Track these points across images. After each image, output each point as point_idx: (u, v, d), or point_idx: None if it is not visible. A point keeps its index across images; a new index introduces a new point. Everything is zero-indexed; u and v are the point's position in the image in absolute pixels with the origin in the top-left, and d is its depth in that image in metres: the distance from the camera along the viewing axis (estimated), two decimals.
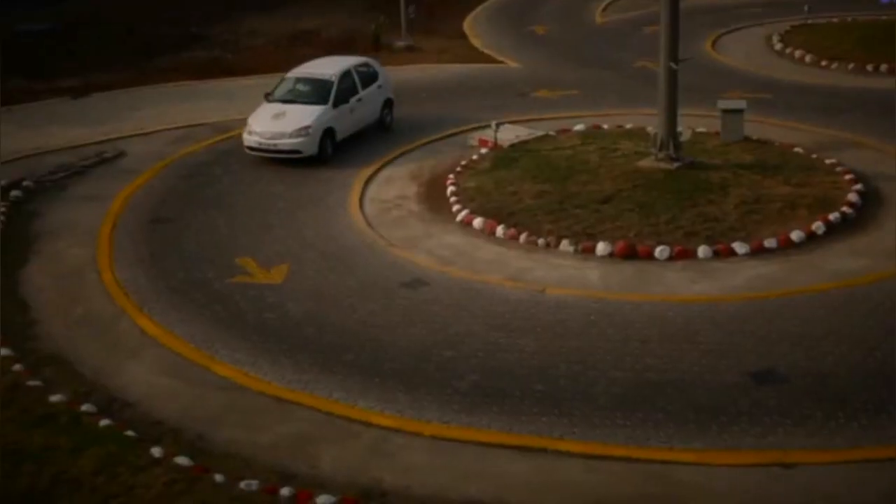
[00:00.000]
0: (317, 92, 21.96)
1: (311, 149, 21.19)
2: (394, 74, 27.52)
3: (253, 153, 21.42)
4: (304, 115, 21.31)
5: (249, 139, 21.41)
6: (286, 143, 21.12)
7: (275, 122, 21.27)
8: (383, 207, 19.34)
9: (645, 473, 11.50)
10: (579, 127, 22.61)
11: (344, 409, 12.90)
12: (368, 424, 12.60)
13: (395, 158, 21.82)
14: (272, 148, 21.20)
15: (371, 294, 15.87)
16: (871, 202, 18.31)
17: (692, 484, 11.30)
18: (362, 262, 17.04)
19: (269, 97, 22.07)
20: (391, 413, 12.79)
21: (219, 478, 11.48)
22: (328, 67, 22.71)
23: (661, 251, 16.59)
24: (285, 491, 11.28)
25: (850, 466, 11.46)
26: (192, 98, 26.71)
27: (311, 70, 22.77)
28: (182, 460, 11.78)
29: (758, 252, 16.61)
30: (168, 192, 20.40)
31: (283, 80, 22.63)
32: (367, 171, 21.00)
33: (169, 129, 24.05)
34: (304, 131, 21.15)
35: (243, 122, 22.03)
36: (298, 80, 22.50)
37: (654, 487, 11.27)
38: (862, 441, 11.83)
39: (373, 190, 20.26)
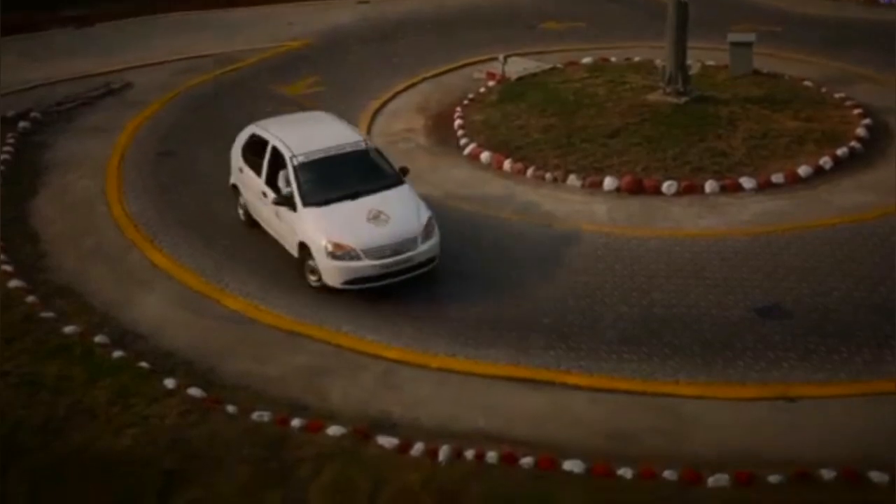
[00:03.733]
0: (367, 169, 14.94)
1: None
2: (397, 6, 27.26)
3: (350, 287, 13.90)
4: (406, 205, 14.42)
5: (356, 268, 13.68)
6: (422, 251, 14.06)
7: (381, 227, 13.93)
8: (391, 140, 19.28)
9: (650, 407, 11.70)
10: (587, 60, 22.44)
11: (353, 342, 13.07)
12: (377, 357, 12.77)
13: (402, 91, 21.69)
14: (404, 267, 13.92)
15: None
16: (879, 137, 18.24)
17: (697, 417, 11.49)
18: None
19: (308, 201, 14.16)
20: (399, 346, 12.95)
21: (231, 409, 11.70)
22: (335, 135, 15.47)
23: (668, 186, 16.60)
24: (296, 422, 11.50)
25: (853, 400, 11.64)
26: (197, 28, 26.43)
27: (327, 144, 14.99)
28: (195, 391, 12.00)
29: (765, 187, 16.62)
30: (175, 125, 20.35)
31: (296, 168, 14.48)
32: (375, 104, 20.90)
33: (175, 61, 23.86)
34: (431, 227, 14.33)
35: (248, 53, 21.65)
36: (328, 161, 14.71)
37: (660, 420, 11.46)
38: (864, 375, 11.99)
39: (380, 123, 20.19)
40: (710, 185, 16.59)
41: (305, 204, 14.19)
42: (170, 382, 12.13)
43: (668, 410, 11.62)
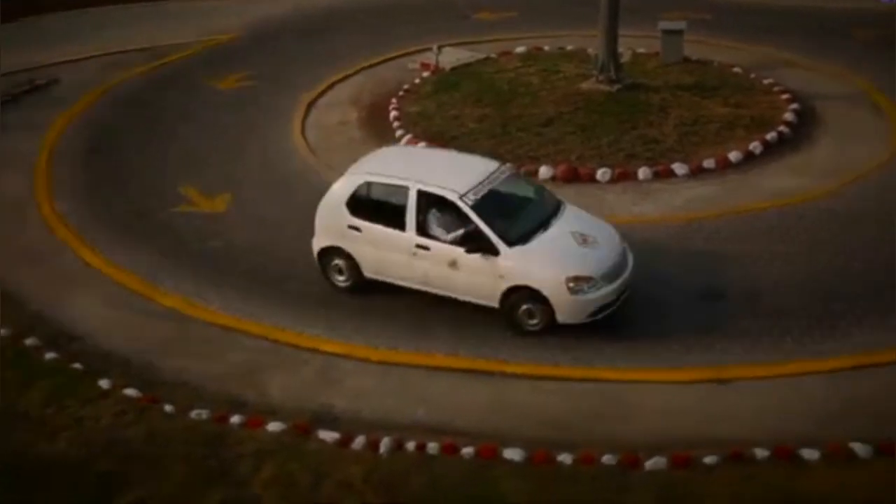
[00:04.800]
0: (527, 193, 13.96)
1: None
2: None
3: (594, 319, 12.83)
4: (591, 221, 13.73)
5: (598, 297, 12.63)
6: (631, 264, 13.39)
7: (599, 250, 13.05)
8: (326, 133, 19.21)
9: (590, 393, 11.83)
10: (521, 49, 22.54)
11: (292, 337, 13.02)
12: (316, 351, 12.74)
13: (336, 83, 21.58)
14: (629, 284, 13.17)
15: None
16: (806, 121, 18.59)
17: (635, 401, 11.66)
18: (306, 189, 16.92)
19: (511, 240, 12.72)
20: (339, 339, 12.93)
21: (168, 408, 11.60)
22: (470, 164, 14.05)
23: (602, 173, 16.77)
24: (236, 419, 11.43)
25: (785, 380, 11.89)
26: (125, 22, 25.91)
27: (478, 176, 13.36)
28: (131, 392, 11.88)
29: (697, 173, 16.85)
30: (105, 121, 20.02)
31: (474, 208, 12.82)
32: (308, 97, 20.77)
33: (103, 55, 23.43)
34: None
35: (179, 47, 21.38)
36: (495, 194, 13.26)
37: (599, 406, 11.60)
38: (795, 355, 12.26)
39: (314, 116, 20.07)
40: (643, 172, 16.79)
41: (510, 244, 12.70)
42: (105, 383, 11.99)
43: (607, 396, 11.77)
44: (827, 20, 24.14)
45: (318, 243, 13.85)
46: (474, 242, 12.68)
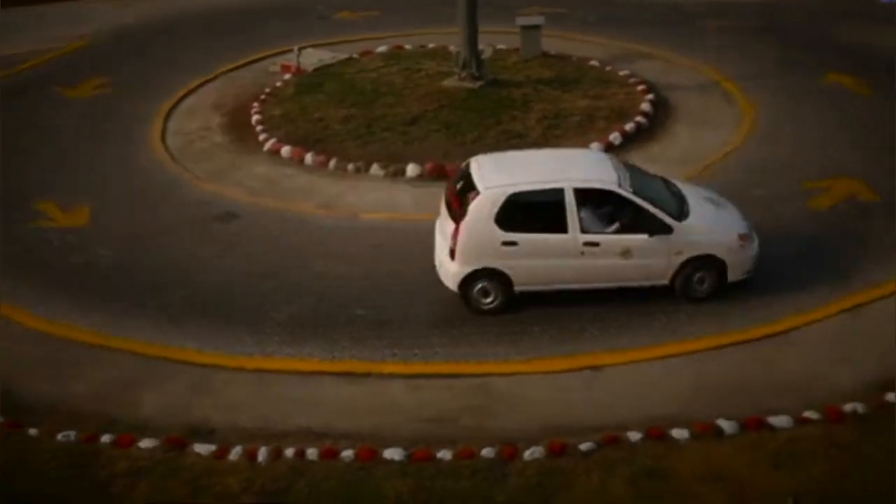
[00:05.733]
0: (653, 176, 14.22)
1: None
2: (189, 3, 26.56)
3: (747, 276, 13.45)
4: (707, 191, 14.45)
5: (755, 253, 13.39)
6: None
7: (732, 210, 13.92)
8: (187, 140, 18.82)
9: (467, 388, 11.95)
10: (382, 48, 22.54)
11: (162, 351, 12.72)
12: (189, 364, 12.48)
13: (196, 88, 21.16)
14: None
15: (181, 230, 15.54)
16: (661, 111, 19.19)
17: (511, 394, 11.83)
18: (169, 198, 16.63)
19: (677, 216, 13.12)
20: (211, 350, 12.69)
21: (33, 432, 11.17)
22: (579, 156, 14.76)
23: None
24: (106, 438, 11.10)
25: (653, 363, 12.27)
26: None
27: (607, 165, 13.54)
28: None
29: None
30: None
31: (636, 193, 12.98)
32: (168, 104, 20.30)
33: None
34: None
35: (29, 55, 20.50)
36: (633, 176, 13.44)
37: (476, 400, 11.72)
38: (662, 338, 12.65)
39: (175, 122, 19.63)
40: None
41: (678, 220, 13.03)
42: None
43: (484, 390, 11.90)
44: (679, 12, 24.97)
45: (461, 270, 12.96)
46: (649, 226, 12.86)
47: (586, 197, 12.93)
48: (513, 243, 12.83)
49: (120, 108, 20.05)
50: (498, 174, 13.27)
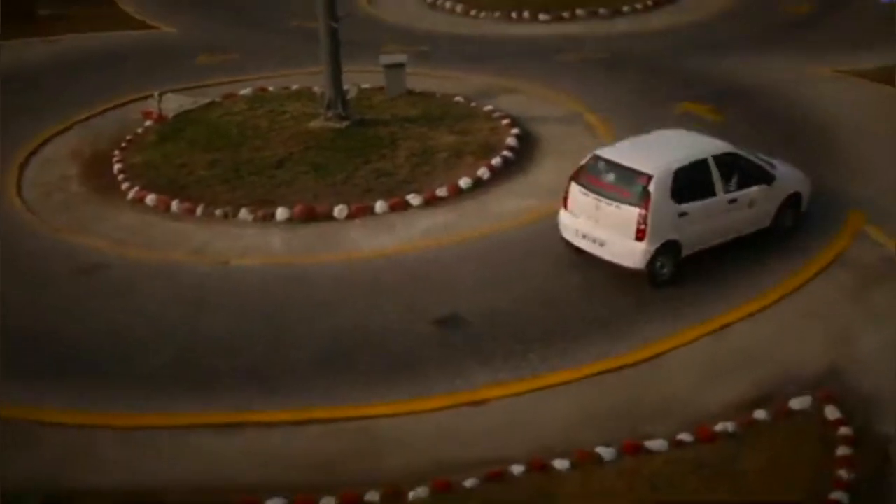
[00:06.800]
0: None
1: None
2: (43, 49, 25.75)
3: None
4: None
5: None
6: None
7: (776, 159, 16.30)
8: (45, 191, 18.17)
9: (347, 432, 11.80)
10: (246, 91, 22.31)
11: (28, 413, 12.14)
12: (58, 425, 11.95)
13: (52, 137, 20.49)
14: None
15: (43, 285, 14.98)
16: (526, 144, 19.52)
17: (392, 435, 11.74)
18: (28, 252, 15.98)
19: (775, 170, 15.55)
20: (81, 409, 12.21)
21: None
22: (687, 133, 16.30)
23: (339, 210, 16.85)
24: None
25: (534, 394, 12.35)
26: None
27: (712, 138, 15.88)
28: None
29: (431, 202, 17.27)
30: None
31: (756, 156, 15.58)
32: (22, 154, 19.57)
33: None
34: None
35: None
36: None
37: (358, 444, 11.59)
38: (542, 369, 12.76)
39: (31, 173, 18.95)
40: (379, 205, 17.01)
41: (773, 168, 15.52)
42: None
43: (365, 433, 11.78)
44: (537, 46, 25.56)
45: (650, 248, 14.18)
46: (763, 177, 15.15)
47: (721, 163, 14.82)
48: (685, 214, 14.44)
49: None
50: (648, 158, 14.66)
